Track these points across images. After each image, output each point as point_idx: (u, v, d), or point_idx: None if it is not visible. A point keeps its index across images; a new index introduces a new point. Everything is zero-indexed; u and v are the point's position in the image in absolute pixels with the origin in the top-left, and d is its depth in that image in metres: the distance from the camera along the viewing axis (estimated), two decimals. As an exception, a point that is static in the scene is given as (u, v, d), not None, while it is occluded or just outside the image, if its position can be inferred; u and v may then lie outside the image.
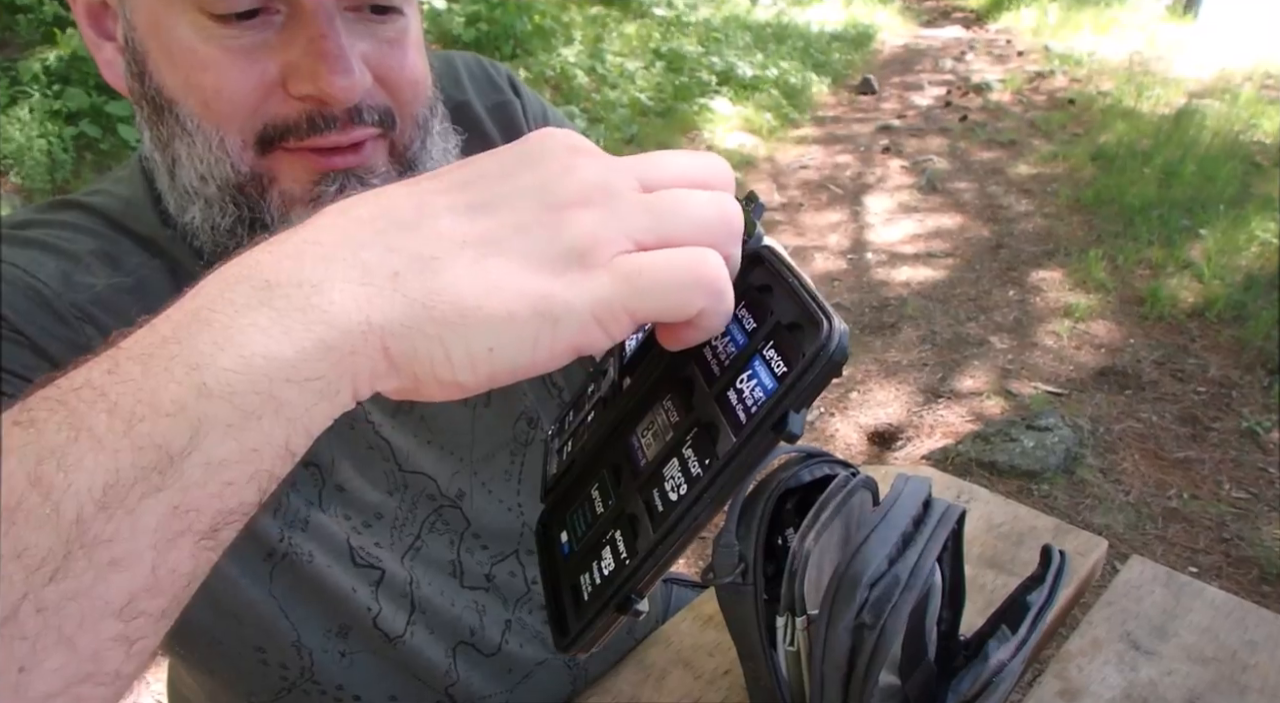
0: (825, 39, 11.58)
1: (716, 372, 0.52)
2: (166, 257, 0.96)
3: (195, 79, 0.84)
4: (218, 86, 0.84)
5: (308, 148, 0.88)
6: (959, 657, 1.17)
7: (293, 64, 0.84)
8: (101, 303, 0.90)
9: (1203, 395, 4.25)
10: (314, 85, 0.83)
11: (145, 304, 0.86)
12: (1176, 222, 5.92)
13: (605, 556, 0.52)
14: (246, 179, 0.88)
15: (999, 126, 8.54)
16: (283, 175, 0.89)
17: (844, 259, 5.95)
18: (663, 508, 0.50)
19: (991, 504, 1.58)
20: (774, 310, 0.51)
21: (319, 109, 0.85)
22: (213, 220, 0.90)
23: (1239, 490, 3.64)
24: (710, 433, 0.49)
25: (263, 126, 0.86)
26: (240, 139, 0.86)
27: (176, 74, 0.85)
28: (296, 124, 0.86)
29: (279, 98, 0.85)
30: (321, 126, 0.86)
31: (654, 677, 1.33)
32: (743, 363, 0.50)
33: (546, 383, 1.26)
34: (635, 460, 0.55)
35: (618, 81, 8.24)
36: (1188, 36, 11.48)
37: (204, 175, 0.88)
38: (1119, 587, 1.41)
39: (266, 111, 0.85)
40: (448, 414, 1.17)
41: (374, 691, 1.15)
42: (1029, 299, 5.25)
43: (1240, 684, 1.24)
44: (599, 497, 0.56)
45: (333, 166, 0.89)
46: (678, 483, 0.50)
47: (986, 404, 4.28)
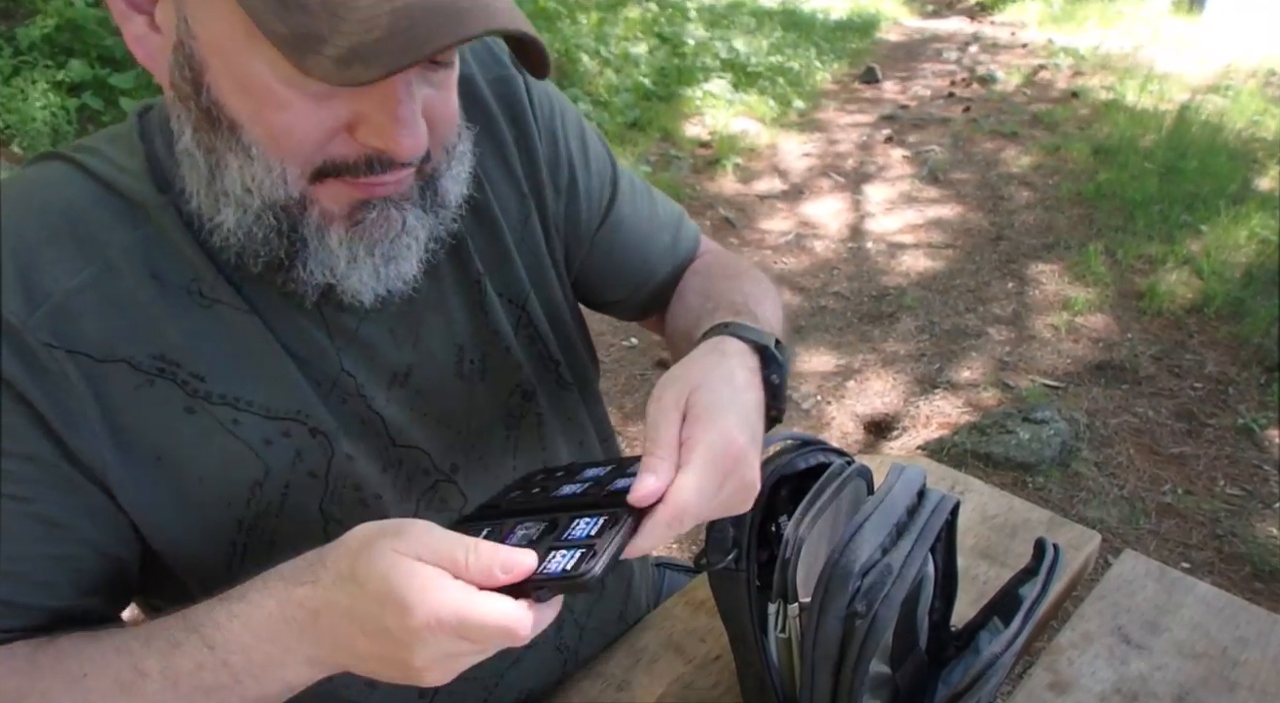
0: (830, 27, 11.56)
1: (566, 535, 0.84)
2: (150, 225, 0.96)
3: (268, 115, 0.86)
4: (290, 127, 0.86)
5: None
6: (950, 647, 1.17)
7: (363, 115, 0.87)
8: (60, 314, 0.91)
9: (1199, 392, 4.26)
10: (383, 141, 0.87)
11: (107, 292, 0.93)
12: (1177, 217, 5.92)
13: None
14: (293, 201, 0.91)
15: (1001, 118, 8.52)
16: (324, 196, 0.92)
17: (844, 248, 5.95)
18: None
19: (986, 496, 1.58)
20: (601, 539, 0.81)
21: (378, 156, 0.89)
22: (248, 228, 0.92)
23: (1233, 487, 3.65)
24: (543, 560, 0.79)
25: (322, 162, 0.89)
26: (299, 170, 0.89)
27: (245, 102, 0.86)
28: (355, 165, 0.90)
29: (342, 139, 0.88)
30: (378, 170, 0.90)
31: (645, 661, 1.33)
32: (570, 546, 0.81)
33: (545, 359, 1.26)
34: (506, 540, 0.86)
35: (621, 65, 8.22)
36: (1192, 32, 11.46)
37: (250, 189, 0.90)
38: (1111, 581, 1.41)
39: (329, 150, 0.89)
40: (443, 387, 1.17)
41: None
42: (1028, 292, 5.24)
43: (1230, 681, 1.25)
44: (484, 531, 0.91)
45: (374, 195, 0.93)
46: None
47: (983, 396, 4.29)
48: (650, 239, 1.40)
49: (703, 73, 8.69)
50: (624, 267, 1.39)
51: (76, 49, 5.26)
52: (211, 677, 0.85)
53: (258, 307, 1.00)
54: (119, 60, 5.35)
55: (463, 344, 1.18)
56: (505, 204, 1.22)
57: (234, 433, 0.99)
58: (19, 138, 4.75)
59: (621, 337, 4.75)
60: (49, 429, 0.90)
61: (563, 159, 1.28)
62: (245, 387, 1.00)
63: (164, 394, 0.96)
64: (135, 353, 0.94)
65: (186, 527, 0.99)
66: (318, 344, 1.04)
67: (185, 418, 0.97)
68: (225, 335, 0.98)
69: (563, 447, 1.30)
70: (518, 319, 1.23)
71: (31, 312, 0.89)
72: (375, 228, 0.94)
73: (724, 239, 5.96)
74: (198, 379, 0.97)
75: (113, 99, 5.20)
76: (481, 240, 1.19)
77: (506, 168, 1.22)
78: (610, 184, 1.35)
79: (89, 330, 0.92)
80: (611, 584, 1.39)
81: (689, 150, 7.41)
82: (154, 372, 0.95)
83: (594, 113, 7.23)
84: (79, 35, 5.28)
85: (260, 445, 1.01)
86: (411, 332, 1.13)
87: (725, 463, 0.89)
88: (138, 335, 0.94)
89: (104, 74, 5.23)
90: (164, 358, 0.95)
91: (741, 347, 1.05)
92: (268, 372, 1.01)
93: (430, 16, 0.78)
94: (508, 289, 1.22)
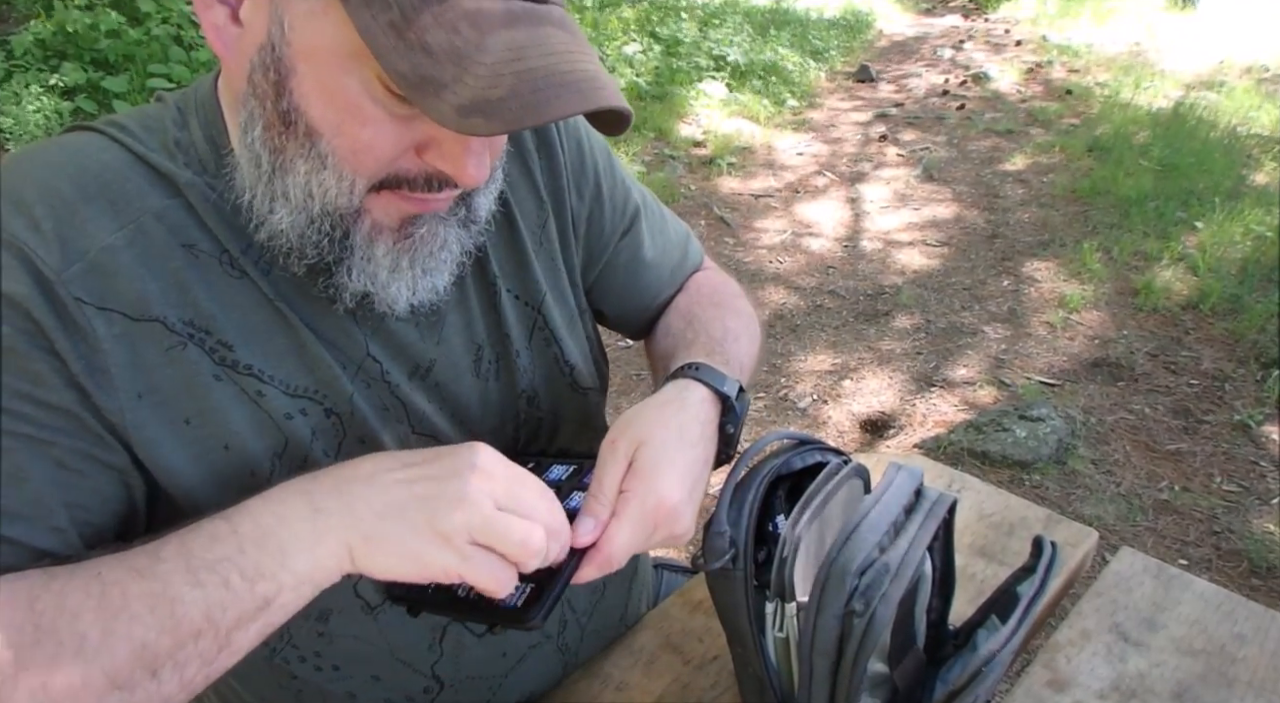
0: (823, 25, 11.56)
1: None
2: (181, 197, 0.98)
3: (351, 129, 0.89)
4: (371, 143, 0.90)
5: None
6: (948, 646, 1.17)
7: (436, 140, 0.91)
8: (96, 271, 0.92)
9: (1195, 388, 4.26)
10: (453, 170, 0.92)
11: (141, 253, 0.94)
12: (1172, 213, 5.92)
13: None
14: (351, 210, 0.94)
15: (996, 116, 8.53)
16: (375, 209, 0.96)
17: (839, 247, 5.95)
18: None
19: (983, 494, 1.58)
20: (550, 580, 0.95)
21: (439, 176, 0.94)
22: (300, 230, 0.95)
23: (1230, 484, 3.65)
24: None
25: (385, 175, 0.93)
26: (366, 182, 0.92)
27: (330, 113, 0.89)
28: (414, 180, 0.94)
29: (410, 156, 0.93)
30: (436, 188, 0.95)
31: (643, 661, 1.33)
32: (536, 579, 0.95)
33: (560, 362, 1.27)
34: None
35: (615, 65, 8.21)
36: (1186, 28, 11.47)
37: (313, 195, 0.92)
38: (1109, 578, 1.41)
39: (395, 165, 0.92)
40: (460, 384, 1.19)
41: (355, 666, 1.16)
42: (1023, 289, 5.24)
43: (1228, 677, 1.25)
44: None
45: (424, 210, 0.98)
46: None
47: (979, 394, 4.29)
48: (663, 258, 1.44)
49: (697, 72, 8.69)
50: (637, 282, 1.41)
51: (70, 53, 5.26)
52: (220, 548, 0.86)
53: (284, 288, 1.02)
54: (112, 64, 5.35)
55: (481, 344, 1.20)
56: (524, 208, 1.24)
57: (258, 403, 1.01)
58: (13, 142, 4.75)
59: (617, 337, 4.74)
60: (74, 381, 0.91)
61: (589, 166, 1.31)
62: (268, 361, 1.01)
63: (194, 359, 0.97)
64: (168, 314, 0.95)
65: (209, 492, 1.00)
66: (345, 327, 1.06)
67: (214, 384, 0.98)
68: (252, 308, 1.00)
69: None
70: (533, 323, 1.25)
71: (67, 266, 0.91)
72: (422, 243, 1.00)
73: (720, 239, 5.96)
74: (225, 347, 0.99)
75: (106, 103, 5.20)
76: (501, 243, 1.21)
77: (526, 172, 1.24)
78: (634, 198, 1.39)
79: (123, 288, 0.93)
80: (613, 586, 1.39)
81: (684, 150, 7.41)
82: (185, 336, 0.96)
83: (589, 113, 7.21)
84: (72, 39, 5.28)
85: (282, 420, 1.02)
86: (435, 327, 1.15)
87: (655, 518, 1.01)
88: (169, 298, 0.96)
89: (97, 78, 5.23)
90: (193, 324, 0.97)
91: (705, 395, 1.15)
92: (291, 350, 1.02)
93: (552, 86, 0.82)
94: (524, 293, 1.24)
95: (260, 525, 0.87)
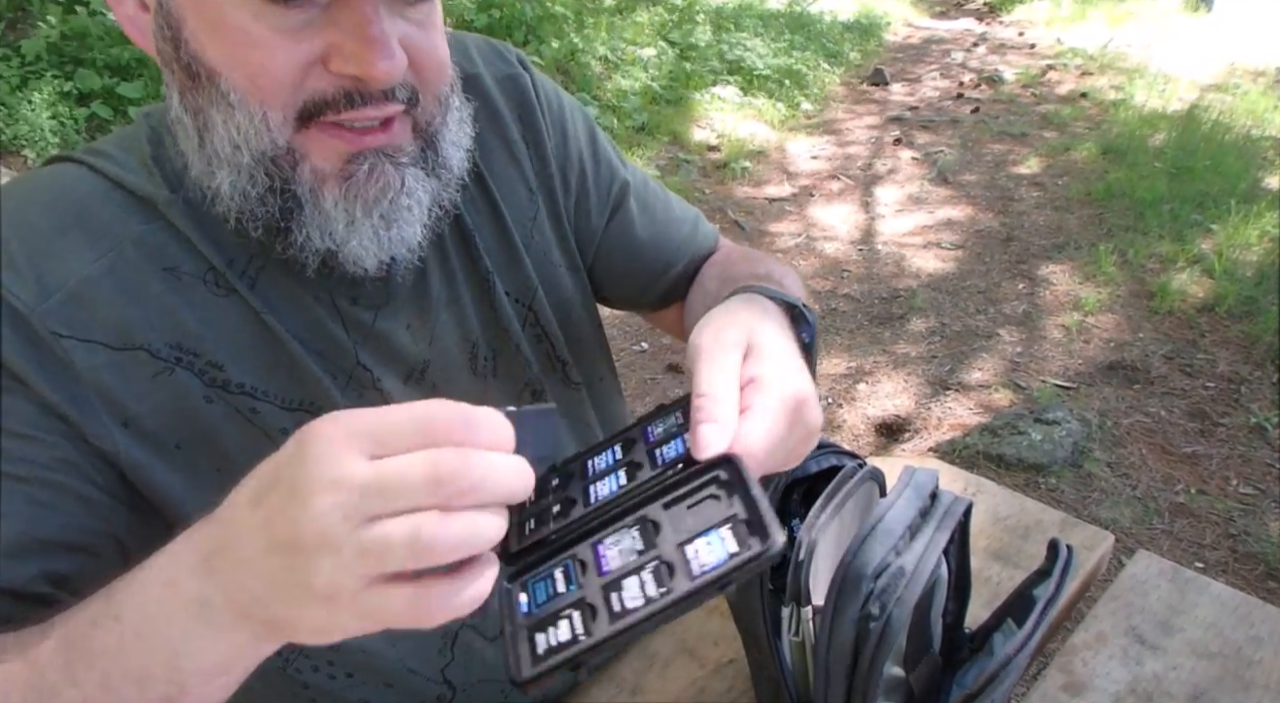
0: (837, 29, 11.55)
1: (682, 527, 0.70)
2: (161, 220, 0.97)
3: (243, 55, 0.87)
4: (265, 64, 0.86)
5: (342, 124, 0.91)
6: (964, 649, 1.17)
7: (336, 44, 0.87)
8: (74, 302, 0.92)
9: (1211, 391, 4.24)
10: (358, 67, 0.87)
11: (121, 281, 0.92)
12: (1187, 216, 5.90)
13: (561, 626, 0.67)
14: (281, 152, 0.91)
15: (1010, 119, 8.51)
16: (315, 152, 0.92)
17: (854, 250, 5.94)
18: (618, 609, 0.65)
19: (998, 497, 1.58)
20: (733, 505, 0.69)
21: (356, 87, 0.89)
22: (242, 188, 0.92)
23: (1246, 486, 3.63)
24: (670, 569, 0.66)
25: (303, 102, 0.89)
26: (282, 114, 0.89)
27: (221, 48, 0.87)
28: (334, 99, 0.89)
29: (318, 73, 0.88)
30: (358, 102, 0.89)
31: (658, 665, 1.33)
32: (703, 530, 0.68)
33: (551, 359, 1.27)
34: (600, 564, 0.71)
35: (630, 69, 8.22)
36: (1202, 30, 11.43)
37: (238, 145, 0.90)
38: (1125, 581, 1.41)
39: (307, 87, 0.88)
40: (457, 384, 1.17)
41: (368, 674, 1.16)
42: (1038, 292, 5.23)
43: (1245, 680, 1.24)
44: (562, 579, 0.71)
45: (364, 146, 0.93)
46: (635, 595, 0.66)
47: (994, 397, 4.28)
48: (666, 231, 1.41)
49: (711, 76, 8.69)
50: (639, 259, 1.39)
51: (84, 58, 5.28)
52: (101, 638, 0.75)
53: (271, 300, 1.01)
54: (127, 69, 5.37)
55: (476, 341, 1.19)
56: (513, 201, 1.22)
57: (252, 421, 1.00)
58: (28, 147, 4.77)
59: (632, 341, 4.75)
60: (58, 413, 0.90)
61: (573, 156, 1.29)
62: (261, 377, 1.00)
63: (183, 382, 0.96)
64: (153, 341, 0.94)
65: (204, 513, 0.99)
66: (333, 337, 1.05)
67: (204, 407, 0.97)
68: (240, 325, 0.99)
69: (571, 448, 1.29)
70: (524, 318, 1.24)
71: (43, 300, 0.90)
72: (370, 185, 0.93)
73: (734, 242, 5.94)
74: (216, 368, 0.98)
75: (122, 108, 5.22)
76: (491, 238, 1.20)
77: (515, 165, 1.23)
78: (619, 180, 1.36)
79: (104, 318, 0.92)
80: None
81: (698, 154, 7.42)
82: (172, 361, 0.95)
83: (602, 117, 7.23)
84: (86, 44, 5.30)
85: (278, 435, 1.01)
86: (427, 328, 1.14)
87: (794, 407, 0.80)
88: (154, 324, 0.95)
89: (112, 83, 5.25)
90: (181, 347, 0.96)
91: (772, 305, 1.00)
92: (281, 362, 1.01)
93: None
94: (515, 288, 1.23)
95: (145, 615, 0.72)
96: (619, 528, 0.74)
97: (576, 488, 0.81)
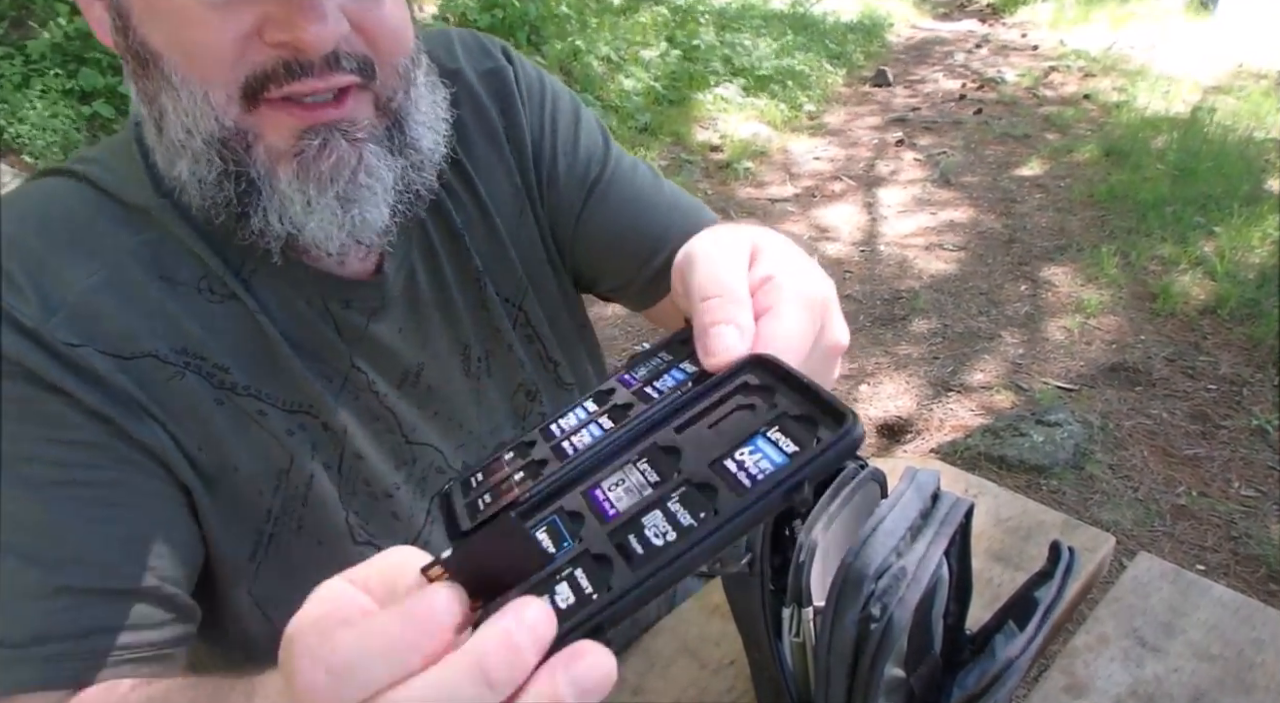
0: (840, 30, 11.55)
1: (709, 445, 0.55)
2: (154, 228, 0.97)
3: (179, 34, 0.85)
4: (199, 39, 0.85)
5: (289, 98, 0.88)
6: (965, 651, 1.17)
7: (269, 14, 0.84)
8: (79, 316, 0.91)
9: (1213, 393, 4.24)
10: (289, 33, 0.84)
11: (121, 292, 0.91)
12: (1190, 218, 5.89)
13: (562, 590, 0.51)
14: (231, 133, 0.89)
15: (1013, 120, 8.51)
16: (267, 131, 0.89)
17: (856, 251, 5.94)
18: (644, 551, 0.51)
19: (1000, 498, 1.58)
20: (777, 404, 0.55)
21: (295, 56, 0.86)
22: (199, 175, 0.91)
23: (1248, 489, 3.63)
24: (705, 492, 0.52)
25: (244, 79, 0.87)
26: (224, 93, 0.87)
27: (160, 28, 0.86)
28: (274, 72, 0.86)
29: (256, 47, 0.86)
30: (299, 72, 0.87)
31: (659, 666, 1.33)
32: (743, 440, 0.54)
33: (543, 359, 1.26)
34: (601, 508, 0.55)
35: (632, 70, 8.22)
36: (1205, 32, 11.42)
37: (189, 129, 0.88)
38: (1126, 583, 1.41)
39: (246, 62, 0.86)
40: (452, 385, 1.17)
41: None
42: (1040, 294, 5.23)
43: (1246, 683, 1.24)
44: (548, 539, 0.54)
45: (316, 121, 0.90)
46: (663, 531, 0.51)
47: (996, 398, 4.27)
48: (651, 212, 1.30)
49: (714, 77, 8.69)
50: (623, 240, 1.29)
51: (87, 58, 5.28)
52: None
53: (266, 303, 1.00)
54: (131, 68, 5.36)
55: (468, 343, 1.18)
56: (500, 199, 1.20)
57: (260, 424, 1.00)
58: (30, 146, 4.77)
59: (634, 341, 4.74)
60: (101, 415, 0.90)
61: (554, 142, 1.25)
62: (263, 380, 1.00)
63: (194, 386, 0.96)
64: (159, 347, 0.94)
65: (220, 516, 1.00)
66: (327, 340, 1.05)
67: (216, 409, 0.97)
68: (240, 329, 0.99)
69: None
70: (515, 318, 1.23)
71: (49, 316, 0.90)
72: (323, 160, 0.90)
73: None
74: (223, 371, 0.97)
75: (124, 107, 5.22)
76: (480, 238, 1.19)
77: (500, 161, 1.21)
78: (599, 162, 1.29)
79: (110, 328, 0.92)
80: None
81: (700, 155, 7.41)
82: (181, 365, 0.95)
83: (605, 117, 7.23)
84: (89, 43, 5.30)
85: (284, 436, 1.01)
86: (420, 330, 1.13)
87: (818, 308, 0.66)
88: (158, 330, 0.94)
89: (115, 82, 5.25)
90: (187, 351, 0.95)
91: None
92: (279, 366, 1.01)
93: None
94: (506, 288, 1.22)
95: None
96: (619, 466, 0.58)
97: (542, 450, 0.63)
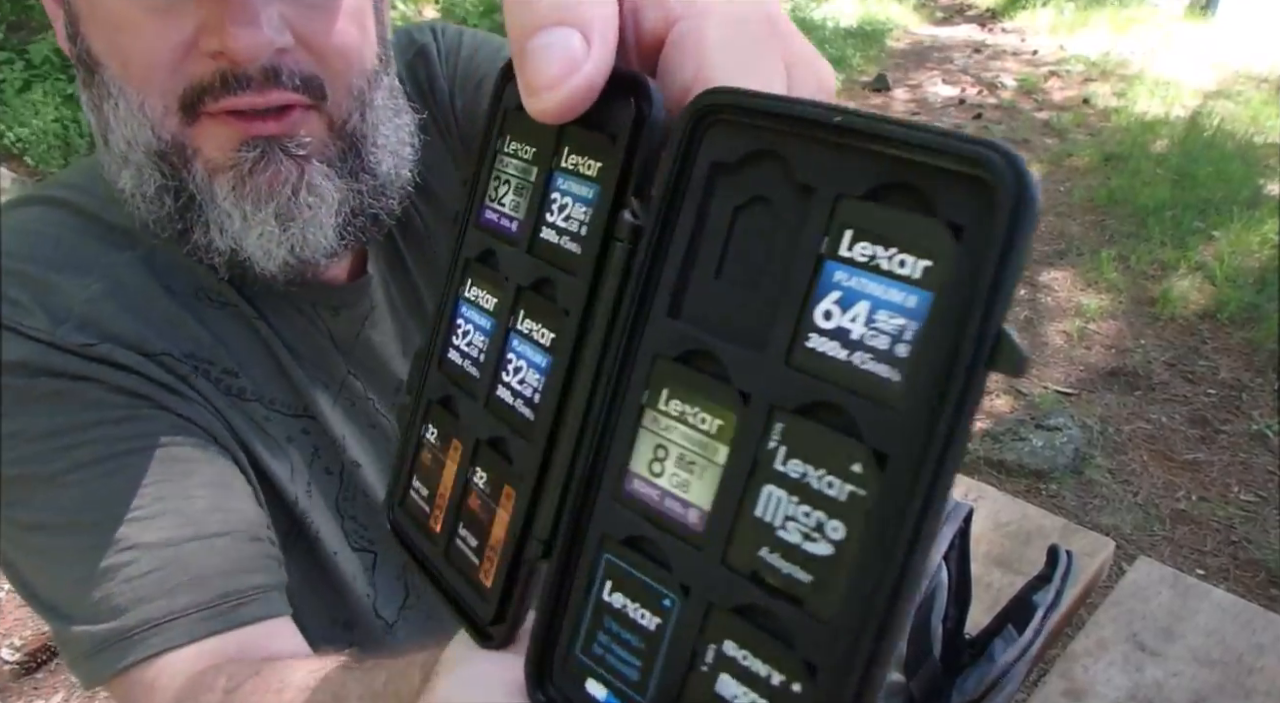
0: (839, 35, 11.55)
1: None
2: (141, 245, 0.95)
3: (117, 41, 0.83)
4: (135, 47, 0.82)
5: (228, 111, 0.85)
6: (964, 655, 1.17)
7: (204, 23, 0.81)
8: (88, 321, 0.89)
9: (1213, 397, 4.24)
10: (220, 40, 0.80)
11: (123, 300, 0.88)
12: (1189, 223, 5.89)
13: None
14: (169, 147, 0.86)
15: (1013, 125, 8.50)
16: (206, 144, 0.86)
17: (855, 255, 5.93)
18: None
19: (999, 503, 1.58)
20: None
21: (231, 68, 0.82)
22: (142, 188, 0.88)
23: (1248, 493, 3.63)
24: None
25: (183, 90, 0.84)
26: (162, 104, 0.84)
27: (104, 38, 0.84)
28: (210, 83, 0.83)
29: (195, 57, 0.83)
30: (235, 85, 0.83)
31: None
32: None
33: None
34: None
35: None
36: (1204, 36, 11.42)
37: (129, 140, 0.86)
38: (1126, 588, 1.41)
39: (184, 73, 0.83)
40: None
41: None
42: (1040, 298, 5.23)
43: (1246, 687, 1.24)
44: (643, 610, 0.35)
45: (254, 133, 0.86)
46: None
47: (996, 403, 4.27)
48: None
49: (713, 81, 8.69)
50: None
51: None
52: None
53: (263, 310, 1.00)
54: (132, 73, 5.36)
55: None
56: (453, 192, 1.16)
57: (265, 429, 0.99)
58: (31, 151, 4.77)
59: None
60: (134, 393, 0.89)
61: (463, 87, 1.18)
62: (268, 385, 0.99)
63: (208, 391, 0.94)
64: (170, 349, 0.92)
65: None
66: (322, 348, 1.04)
67: (231, 413, 0.96)
68: (241, 335, 0.98)
69: None
70: None
71: (57, 326, 0.88)
72: (260, 173, 0.86)
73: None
74: (231, 375, 0.96)
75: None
76: (441, 235, 1.16)
77: (447, 151, 1.17)
78: None
79: (120, 330, 0.90)
80: None
81: (700, 159, 7.41)
82: (191, 368, 0.93)
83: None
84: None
85: (284, 441, 1.01)
86: (412, 341, 1.12)
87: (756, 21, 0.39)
88: (164, 334, 0.93)
89: (117, 87, 5.24)
90: (195, 356, 0.94)
91: None
92: (278, 372, 1.01)
93: None
94: None
95: None
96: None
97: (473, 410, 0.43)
